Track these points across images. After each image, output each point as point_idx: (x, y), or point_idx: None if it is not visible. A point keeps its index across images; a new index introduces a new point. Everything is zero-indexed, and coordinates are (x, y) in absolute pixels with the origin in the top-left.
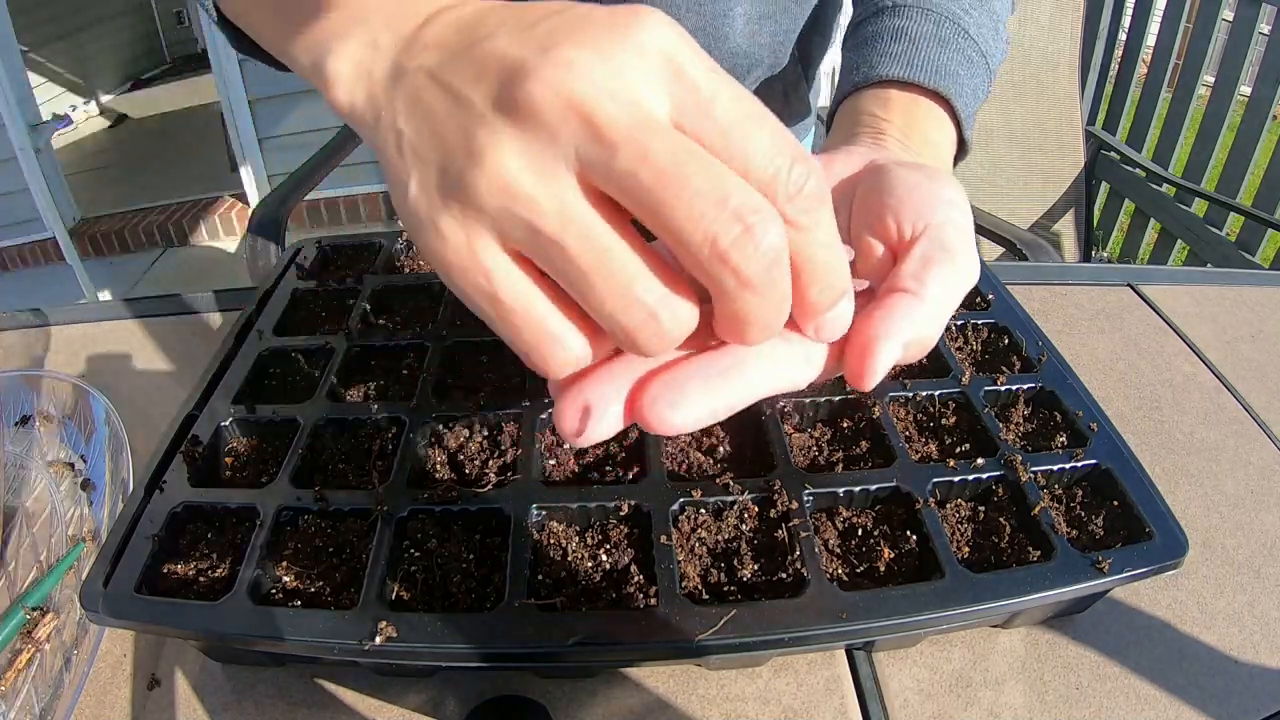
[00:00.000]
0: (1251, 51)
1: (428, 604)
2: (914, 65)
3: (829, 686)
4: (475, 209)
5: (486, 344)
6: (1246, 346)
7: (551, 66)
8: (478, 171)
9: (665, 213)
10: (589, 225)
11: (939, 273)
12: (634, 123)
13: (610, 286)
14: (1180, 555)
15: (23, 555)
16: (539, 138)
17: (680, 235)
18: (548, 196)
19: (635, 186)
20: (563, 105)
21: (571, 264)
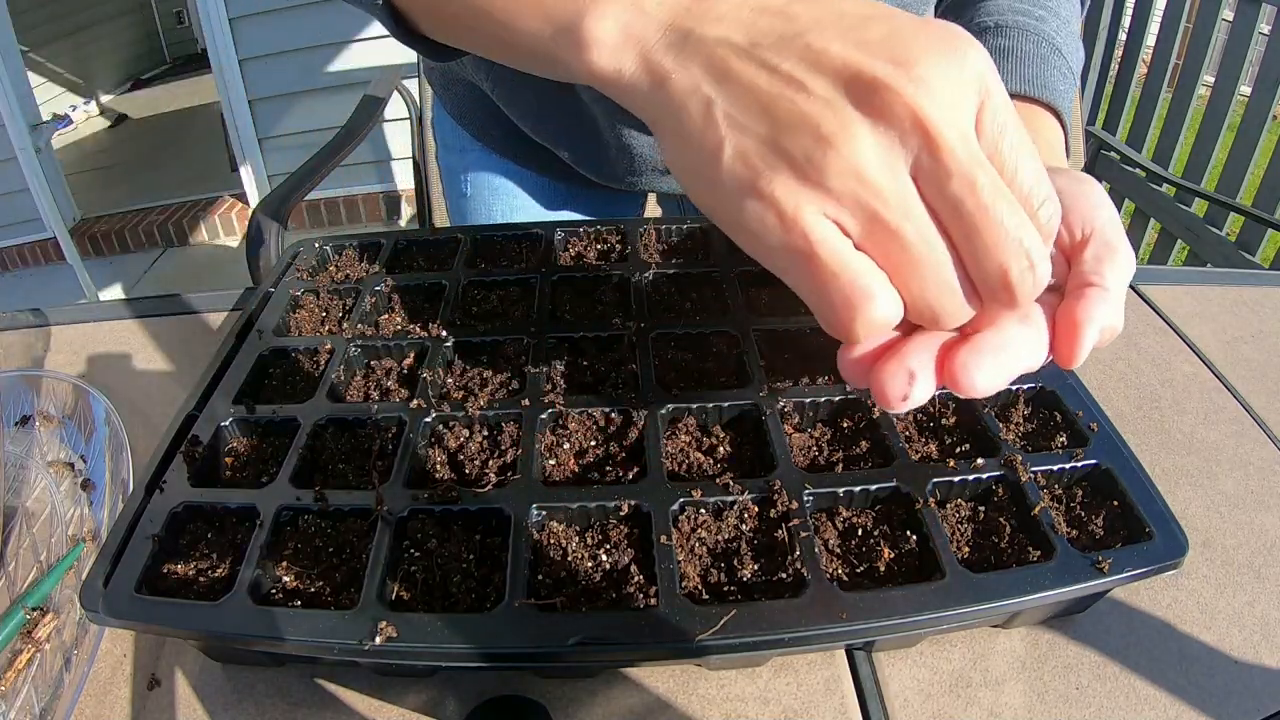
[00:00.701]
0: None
1: (428, 604)
2: (1026, 81)
3: (829, 686)
4: (815, 183)
5: (486, 344)
6: (1246, 346)
7: (909, 83)
8: (831, 154)
9: (974, 236)
10: (922, 221)
11: (1112, 267)
12: (968, 155)
13: (933, 274)
14: (1180, 555)
15: (23, 555)
16: (890, 141)
17: (978, 255)
18: (893, 190)
19: (958, 207)
20: (915, 121)
21: (904, 251)
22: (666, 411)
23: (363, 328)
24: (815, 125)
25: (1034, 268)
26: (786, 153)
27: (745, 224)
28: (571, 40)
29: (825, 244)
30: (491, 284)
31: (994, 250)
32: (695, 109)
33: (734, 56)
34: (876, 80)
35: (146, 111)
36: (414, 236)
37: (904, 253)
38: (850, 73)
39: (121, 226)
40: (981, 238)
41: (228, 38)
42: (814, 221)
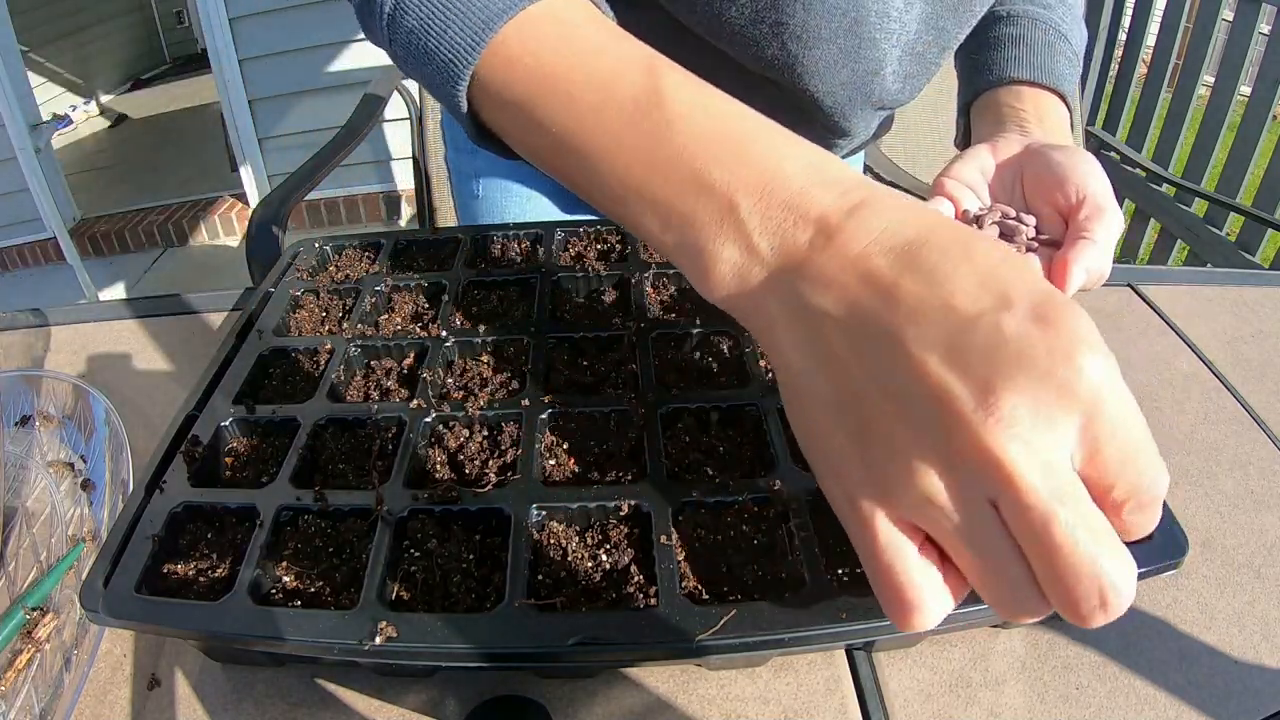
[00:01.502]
0: (1251, 51)
1: (428, 604)
2: (1035, 68)
3: (829, 687)
4: (892, 499)
5: (486, 344)
6: (1246, 346)
7: (990, 420)
8: (906, 479)
9: (1046, 562)
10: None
11: (1101, 224)
12: (1048, 492)
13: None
14: (1180, 555)
15: (23, 555)
16: (962, 476)
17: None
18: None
19: (1031, 536)
20: (993, 466)
21: (971, 569)
22: (666, 411)
23: (363, 328)
24: (891, 444)
25: (1106, 600)
26: (870, 463)
27: (831, 498)
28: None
29: (886, 552)
30: (491, 284)
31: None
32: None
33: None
34: (958, 416)
35: (146, 111)
36: (414, 236)
37: (971, 570)
38: (938, 398)
39: (121, 226)
40: (1056, 570)
41: (228, 37)
42: (883, 529)
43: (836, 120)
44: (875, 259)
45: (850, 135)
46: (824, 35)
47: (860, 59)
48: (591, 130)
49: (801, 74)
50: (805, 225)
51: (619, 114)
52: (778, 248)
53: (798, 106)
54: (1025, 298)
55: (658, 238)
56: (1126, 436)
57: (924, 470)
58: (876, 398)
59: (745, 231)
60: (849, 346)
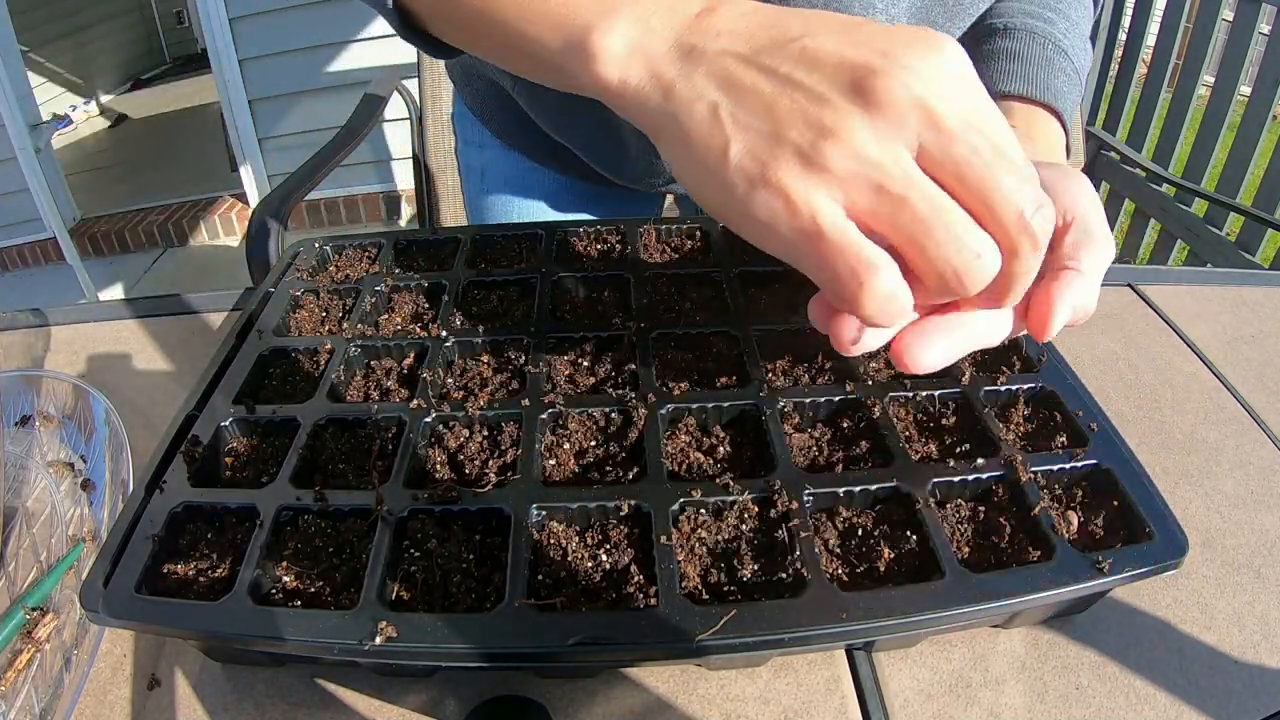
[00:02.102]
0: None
1: (428, 604)
2: (1030, 82)
3: (829, 687)
4: (820, 168)
5: (487, 344)
6: (1247, 346)
7: (901, 70)
8: (831, 143)
9: (988, 190)
10: (927, 185)
11: (1089, 253)
12: (964, 122)
13: (946, 234)
14: (1180, 555)
15: (23, 555)
16: (888, 122)
17: (994, 206)
18: (894, 164)
19: (966, 169)
20: (911, 101)
21: (914, 216)
22: (666, 411)
23: (363, 328)
24: (816, 117)
25: (1043, 207)
26: (792, 144)
27: (755, 215)
28: (580, 52)
29: (831, 224)
30: (492, 284)
31: (1009, 197)
32: (701, 114)
33: (736, 64)
34: (870, 69)
35: (146, 111)
36: (414, 236)
37: (915, 220)
38: (846, 67)
39: (121, 226)
40: (994, 190)
41: (228, 37)
42: (820, 203)
43: None
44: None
45: None
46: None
47: None
48: None
49: None
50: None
51: None
52: (669, 19)
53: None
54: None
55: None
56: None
57: (850, 129)
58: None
59: (639, 9)
60: (757, 69)
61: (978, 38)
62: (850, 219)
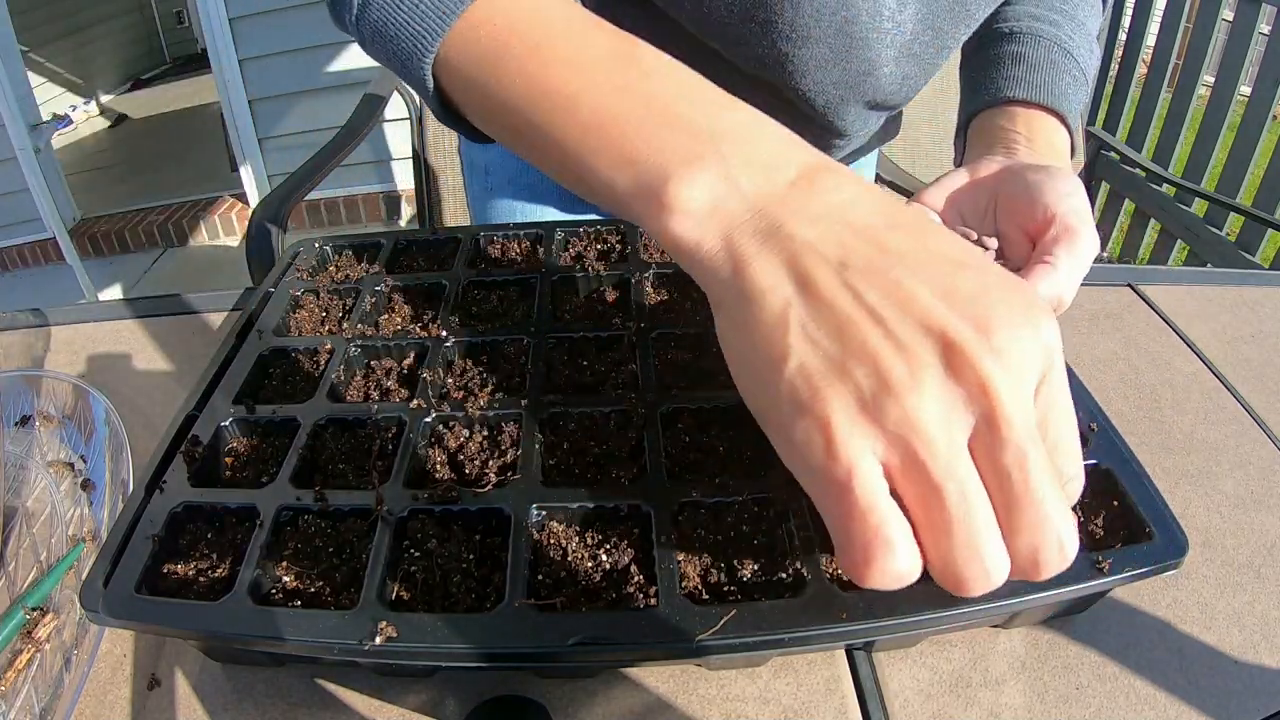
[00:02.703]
0: (1251, 51)
1: (428, 604)
2: (1033, 87)
3: (829, 687)
4: (872, 419)
5: (486, 344)
6: (1247, 346)
7: (989, 353)
8: (894, 398)
9: (1016, 510)
10: (967, 481)
11: (1064, 247)
12: (1026, 430)
13: (964, 539)
14: (1180, 555)
15: (23, 555)
16: (954, 402)
17: (1016, 529)
18: (946, 446)
19: (1007, 479)
20: (983, 389)
21: (940, 508)
22: (666, 411)
23: (363, 328)
24: (887, 365)
25: (1063, 551)
26: (852, 381)
27: (791, 436)
28: (653, 201)
29: (864, 484)
30: (491, 284)
31: (1033, 528)
32: (771, 307)
33: (821, 267)
34: (957, 344)
35: (146, 111)
36: (414, 236)
37: (940, 510)
38: (934, 328)
39: (121, 226)
40: (1024, 514)
41: (228, 37)
42: (859, 456)
43: (830, 119)
44: (859, 209)
45: (847, 136)
46: (814, 34)
47: (852, 59)
48: (560, 75)
49: (792, 73)
50: (787, 169)
51: (592, 62)
52: (760, 184)
53: (792, 105)
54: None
55: (614, 178)
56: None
57: (917, 395)
58: (870, 327)
59: (725, 164)
60: (841, 284)
61: (984, 42)
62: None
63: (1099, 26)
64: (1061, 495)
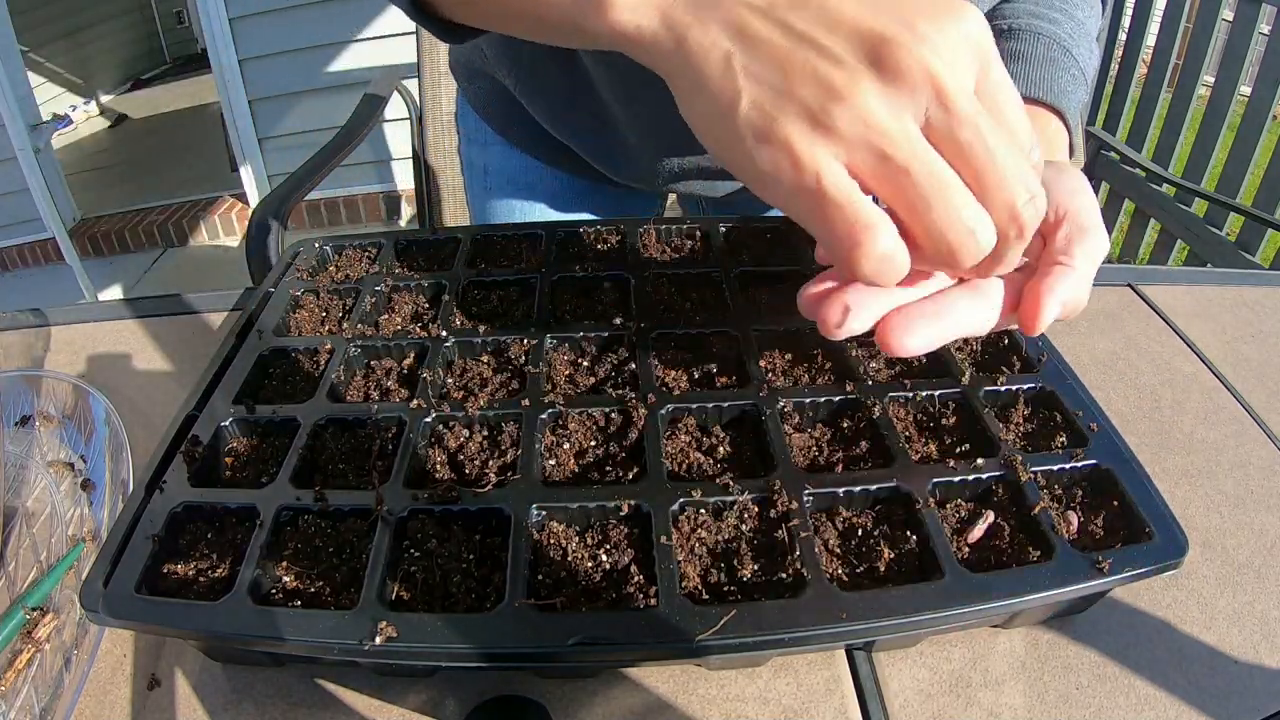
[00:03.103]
0: (1251, 51)
1: (428, 604)
2: (1031, 83)
3: (829, 687)
4: (827, 129)
5: (486, 344)
6: (1247, 346)
7: (918, 42)
8: (841, 105)
9: (983, 175)
10: (930, 158)
11: (1082, 248)
12: (974, 104)
13: (944, 206)
14: (1180, 555)
15: (23, 555)
16: (899, 93)
17: (988, 191)
18: (901, 133)
19: (968, 150)
20: (923, 74)
21: (914, 186)
22: (666, 411)
23: (363, 328)
24: (828, 78)
25: (1035, 199)
26: (801, 102)
27: (760, 169)
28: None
29: (833, 183)
30: (492, 284)
31: (1003, 185)
32: (714, 62)
33: (751, 15)
34: (887, 38)
35: (146, 111)
36: (414, 236)
37: (914, 188)
38: (862, 31)
39: (121, 227)
40: (990, 175)
41: (228, 37)
42: (824, 162)
43: None
44: None
45: None
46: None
47: None
48: None
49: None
50: None
51: None
52: None
53: None
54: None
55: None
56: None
57: (861, 94)
58: (805, 51)
59: None
60: (772, 23)
61: None
62: (853, 178)
63: (1099, 28)
64: (1020, 153)
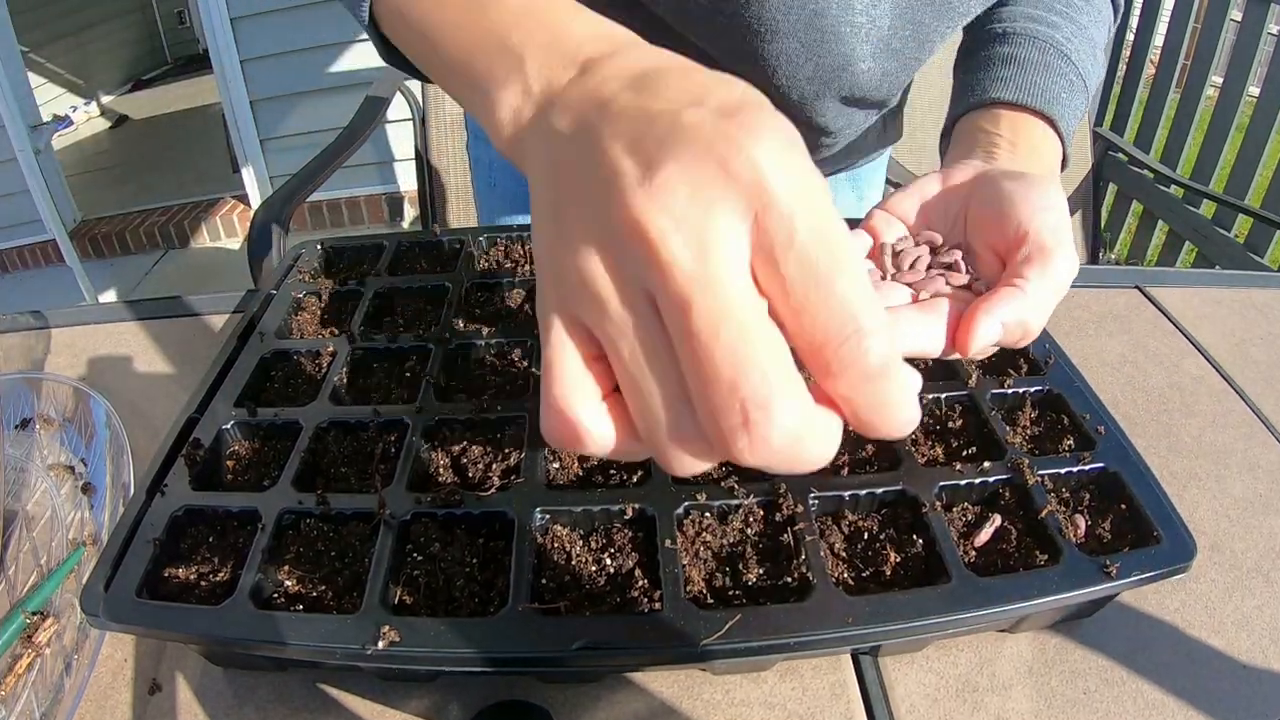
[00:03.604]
0: (1260, 52)
1: (430, 608)
2: (1022, 89)
3: (835, 691)
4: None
5: (490, 346)
6: (1255, 349)
7: (641, 190)
8: (566, 259)
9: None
10: (643, 338)
11: (1037, 270)
12: (695, 275)
13: (645, 401)
14: (1188, 559)
15: (23, 559)
16: (617, 255)
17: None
18: (615, 303)
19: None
20: (638, 237)
21: (622, 368)
22: None
23: (365, 330)
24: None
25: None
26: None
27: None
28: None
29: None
30: (495, 285)
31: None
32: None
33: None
34: (615, 185)
35: (147, 112)
36: (417, 238)
37: (624, 373)
38: (607, 178)
39: (122, 228)
40: (697, 375)
41: (229, 38)
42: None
43: (809, 115)
44: (610, 84)
45: (832, 133)
46: (782, 28)
47: (825, 53)
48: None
49: (763, 68)
50: (572, 67)
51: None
52: (545, 87)
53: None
54: (720, 99)
55: (468, 99)
56: (812, 246)
57: (586, 252)
58: (568, 194)
59: (526, 78)
60: (566, 154)
61: (977, 43)
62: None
63: (1106, 37)
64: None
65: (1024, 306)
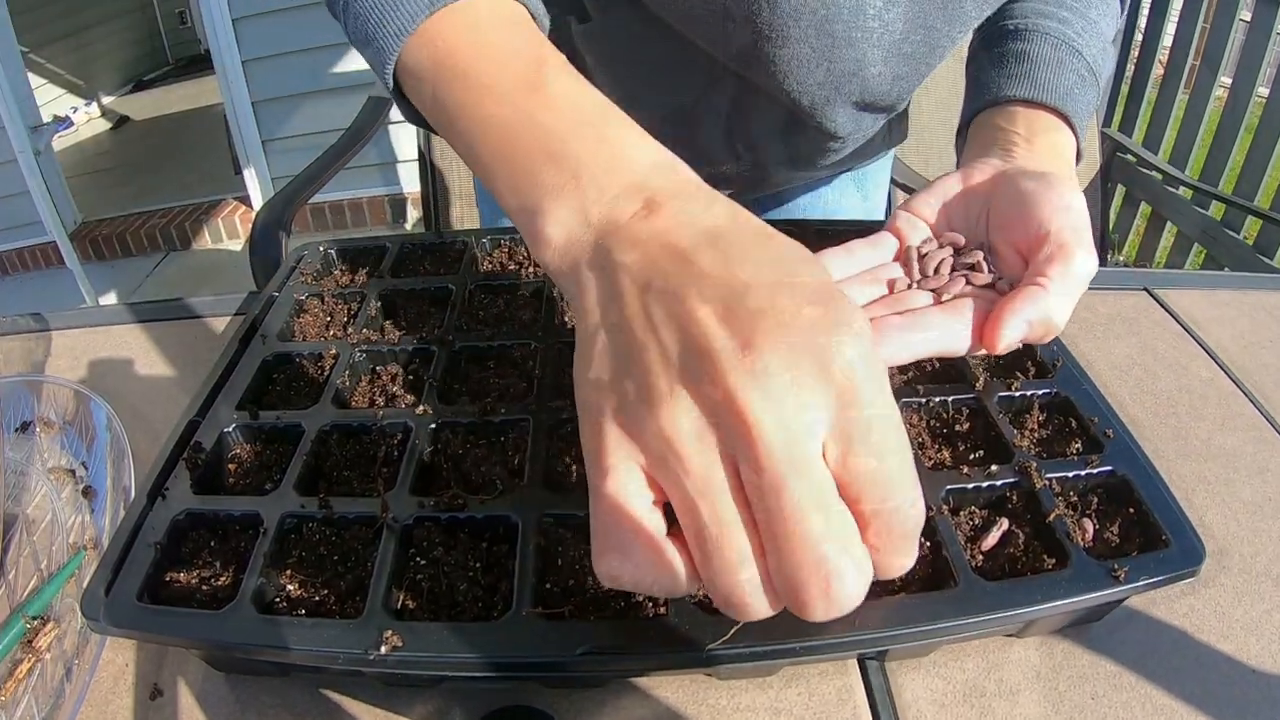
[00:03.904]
0: (1269, 52)
1: (434, 613)
2: (1036, 85)
3: (841, 697)
4: (635, 435)
5: (493, 349)
6: (1265, 351)
7: (742, 371)
8: (649, 413)
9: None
10: (722, 502)
11: (1059, 269)
12: (786, 457)
13: (720, 559)
14: (1197, 563)
15: (23, 563)
16: (705, 422)
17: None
18: (699, 464)
19: (764, 507)
20: (730, 407)
21: (698, 527)
22: None
23: (368, 332)
24: (651, 380)
25: (829, 594)
26: (623, 395)
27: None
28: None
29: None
30: (498, 288)
31: (792, 566)
32: (590, 328)
33: (629, 290)
34: (710, 356)
35: (148, 113)
36: (420, 240)
37: (698, 529)
38: (701, 353)
39: (123, 230)
40: (779, 548)
41: (231, 38)
42: (618, 462)
43: (819, 121)
44: (681, 231)
45: (841, 138)
46: (793, 34)
47: (836, 59)
48: (476, 105)
49: (774, 73)
50: (636, 199)
51: (503, 94)
52: (605, 215)
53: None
54: (807, 281)
55: (507, 200)
56: (882, 442)
57: (669, 408)
58: (648, 343)
59: (583, 198)
60: (637, 297)
61: (989, 40)
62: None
63: (1115, 30)
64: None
65: (1048, 305)
